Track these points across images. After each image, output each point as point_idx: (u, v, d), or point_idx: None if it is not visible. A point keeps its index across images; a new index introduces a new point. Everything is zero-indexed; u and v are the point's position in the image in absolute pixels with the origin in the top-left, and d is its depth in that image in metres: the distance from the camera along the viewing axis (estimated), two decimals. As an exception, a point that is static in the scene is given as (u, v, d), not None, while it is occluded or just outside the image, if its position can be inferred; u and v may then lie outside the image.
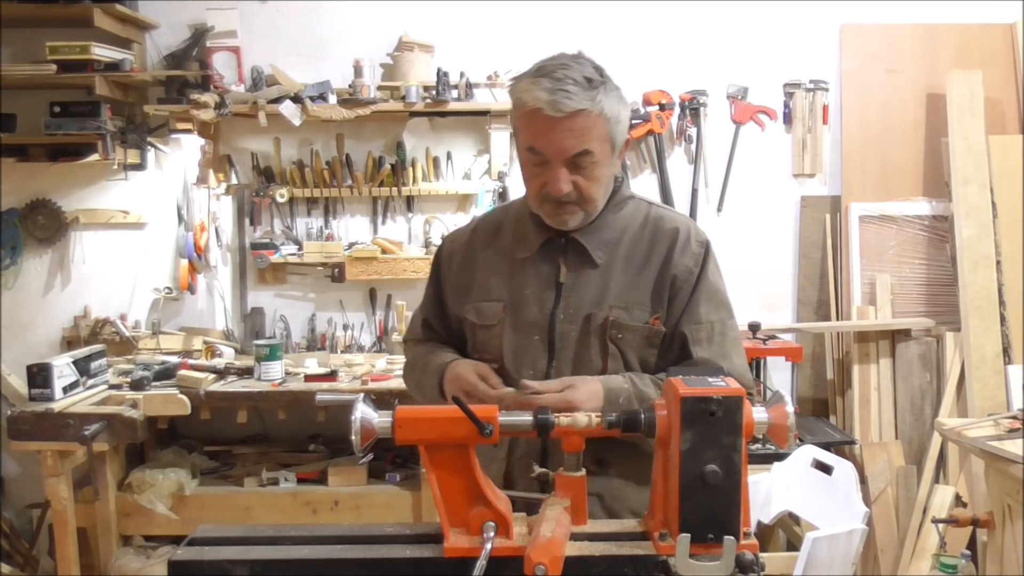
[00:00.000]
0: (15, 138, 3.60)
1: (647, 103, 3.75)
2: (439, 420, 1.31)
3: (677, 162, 3.84)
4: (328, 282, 3.76)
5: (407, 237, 3.82)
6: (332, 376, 3.40)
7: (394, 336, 3.78)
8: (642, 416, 1.30)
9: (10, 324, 3.80)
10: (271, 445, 3.75)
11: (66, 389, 3.15)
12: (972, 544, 3.31)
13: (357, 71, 3.54)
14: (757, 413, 1.28)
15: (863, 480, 3.48)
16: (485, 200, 3.67)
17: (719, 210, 3.82)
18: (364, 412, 1.31)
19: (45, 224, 3.78)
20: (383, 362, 3.61)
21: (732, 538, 1.19)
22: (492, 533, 1.27)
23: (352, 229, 3.84)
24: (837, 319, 3.80)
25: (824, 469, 2.75)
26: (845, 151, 3.81)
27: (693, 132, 3.80)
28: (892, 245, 3.78)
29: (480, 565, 1.21)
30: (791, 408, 1.30)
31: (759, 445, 3.13)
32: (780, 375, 3.83)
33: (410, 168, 3.73)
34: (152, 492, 3.27)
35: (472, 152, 3.81)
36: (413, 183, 3.73)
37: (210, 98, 3.45)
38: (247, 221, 3.80)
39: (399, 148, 3.76)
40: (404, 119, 3.76)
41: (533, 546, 1.20)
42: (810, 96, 3.81)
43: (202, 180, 3.66)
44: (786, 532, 3.33)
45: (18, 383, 3.59)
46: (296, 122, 3.50)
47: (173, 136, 3.65)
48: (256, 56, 3.70)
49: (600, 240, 1.67)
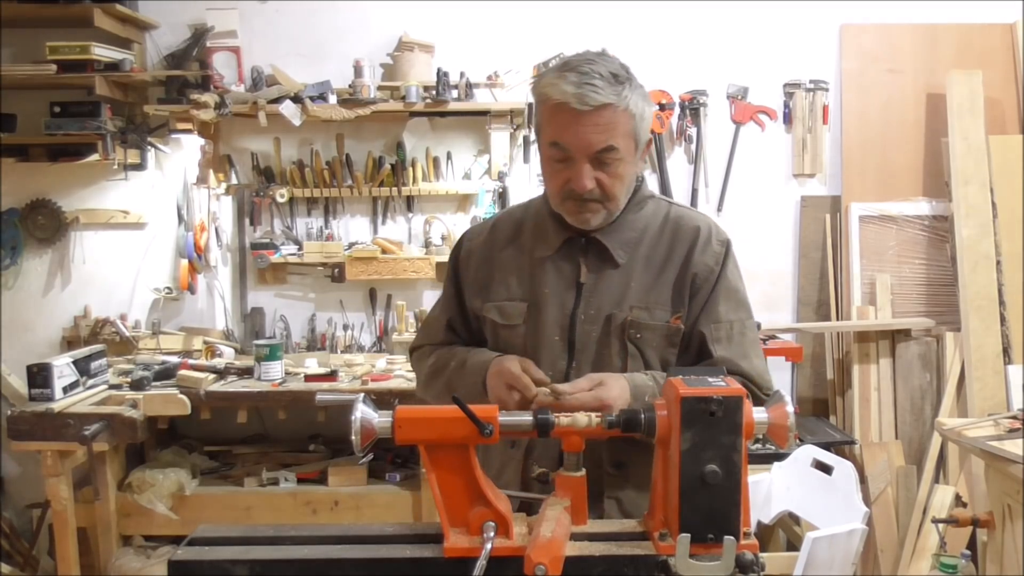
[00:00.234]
0: (15, 138, 3.60)
1: (647, 103, 3.75)
2: (439, 420, 1.31)
3: (677, 162, 3.84)
4: (328, 282, 3.76)
5: (407, 237, 3.82)
6: (332, 376, 3.40)
7: (394, 336, 3.78)
8: (642, 416, 1.30)
9: (10, 324, 3.80)
10: (271, 445, 3.75)
11: (66, 389, 3.15)
12: (972, 544, 3.31)
13: (357, 71, 3.54)
14: (757, 413, 1.28)
15: (863, 480, 3.49)
16: (485, 200, 3.67)
17: (719, 210, 3.82)
18: (364, 412, 1.31)
19: (45, 224, 3.78)
20: (383, 362, 3.61)
21: (732, 538, 1.19)
22: (492, 533, 1.27)
23: (352, 229, 3.84)
24: (837, 319, 3.80)
25: (824, 469, 2.75)
26: (845, 151, 3.81)
27: (693, 132, 3.80)
28: (892, 245, 3.78)
29: (480, 565, 1.21)
30: (791, 408, 1.30)
31: (759, 445, 3.13)
32: (780, 375, 3.83)
33: (410, 168, 3.73)
34: (152, 492, 3.27)
35: (472, 152, 3.81)
36: (413, 183, 3.73)
37: (210, 98, 3.45)
38: (247, 221, 3.80)
39: (399, 148, 3.76)
40: (404, 119, 3.76)
41: (533, 546, 1.20)
42: (810, 96, 3.81)
43: (202, 180, 3.66)
44: (786, 532, 3.33)
45: (18, 383, 3.59)
46: (296, 122, 3.50)
47: (173, 136, 3.65)
48: (256, 56, 3.70)
49: (621, 240, 1.65)
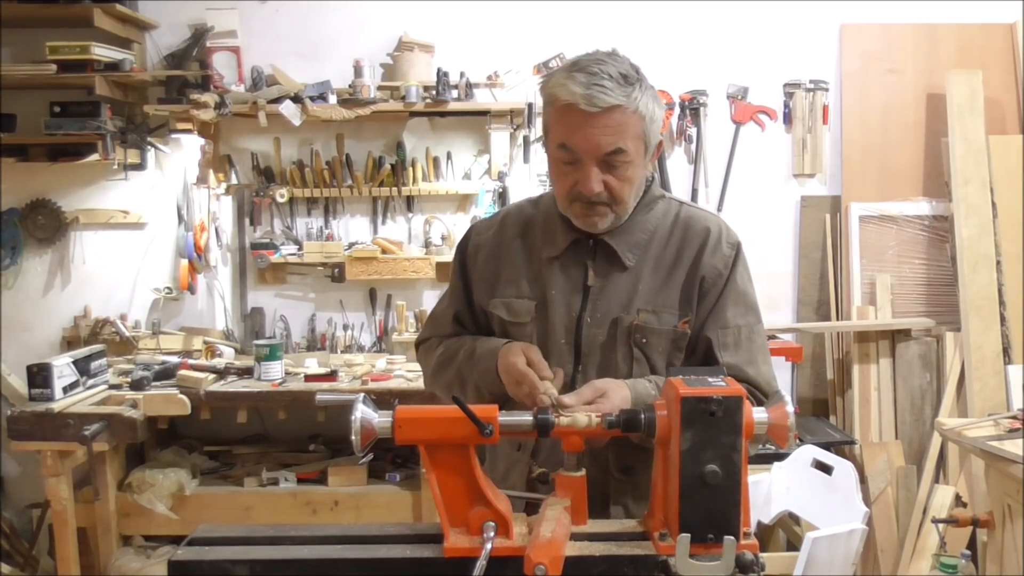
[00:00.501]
0: (15, 138, 3.60)
1: (647, 103, 3.75)
2: (439, 420, 1.31)
3: (677, 162, 3.84)
4: (328, 282, 3.76)
5: (407, 237, 3.82)
6: (332, 376, 3.40)
7: (394, 336, 3.78)
8: (642, 416, 1.30)
9: (10, 324, 3.80)
10: (271, 445, 3.75)
11: (66, 389, 3.15)
12: (972, 544, 3.31)
13: (357, 71, 3.54)
14: (757, 413, 1.28)
15: (863, 480, 3.49)
16: (485, 200, 3.67)
17: (719, 210, 3.81)
18: (364, 412, 1.31)
19: (45, 224, 3.78)
20: (383, 362, 3.61)
21: (732, 538, 1.19)
22: (492, 533, 1.27)
23: (352, 229, 3.84)
24: (837, 319, 3.80)
25: (824, 469, 2.75)
26: (845, 151, 3.81)
27: (693, 132, 3.80)
28: (892, 245, 3.78)
29: (480, 565, 1.21)
30: (791, 408, 1.30)
31: (759, 445, 3.12)
32: (780, 375, 3.77)
33: (410, 168, 3.73)
34: (152, 492, 3.27)
35: (472, 152, 3.81)
36: (413, 183, 3.73)
37: (210, 98, 3.45)
38: (247, 221, 3.80)
39: (399, 148, 3.76)
40: (404, 119, 3.76)
41: (533, 546, 1.20)
42: (810, 96, 3.81)
43: (202, 180, 3.66)
44: (786, 532, 3.33)
45: (18, 383, 3.59)
46: (296, 122, 3.50)
47: (173, 136, 3.65)
48: (256, 56, 3.70)
49: (630, 242, 1.63)
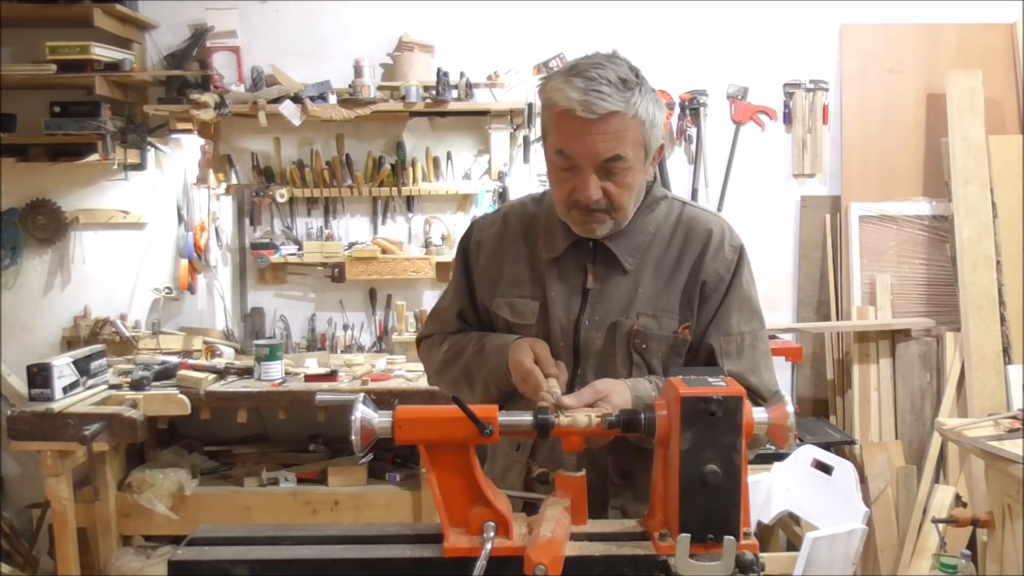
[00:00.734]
0: (15, 138, 3.60)
1: (647, 103, 3.75)
2: (439, 420, 1.30)
3: (677, 162, 3.84)
4: (328, 282, 3.76)
5: (407, 237, 3.82)
6: (332, 376, 3.40)
7: (394, 336, 3.78)
8: (642, 416, 1.30)
9: (10, 324, 3.80)
10: (271, 445, 3.75)
11: (66, 389, 3.15)
12: (972, 544, 3.31)
13: (357, 71, 3.54)
14: (757, 413, 1.28)
15: (863, 480, 3.49)
16: (485, 200, 3.67)
17: (719, 210, 3.81)
18: (364, 412, 1.31)
19: (45, 224, 3.78)
20: (383, 362, 3.61)
21: (732, 538, 1.19)
22: (492, 533, 1.27)
23: (352, 229, 3.84)
24: (837, 319, 3.80)
25: (824, 469, 2.76)
26: (845, 151, 3.81)
27: (693, 132, 3.80)
28: (892, 245, 3.78)
29: (480, 565, 1.21)
30: (791, 408, 1.30)
31: (759, 447, 3.12)
32: (780, 375, 3.78)
33: (410, 168, 3.73)
34: (152, 492, 3.27)
35: (472, 152, 3.81)
36: (413, 183, 3.73)
37: (210, 98, 3.45)
38: (247, 221, 3.80)
39: (399, 148, 3.76)
40: (404, 119, 3.76)
41: (533, 546, 1.20)
42: (810, 96, 3.81)
43: (202, 180, 3.66)
44: (786, 532, 3.33)
45: (18, 383, 3.59)
46: (296, 122, 3.50)
47: (173, 136, 3.65)
48: (256, 56, 3.70)
49: (630, 245, 1.60)
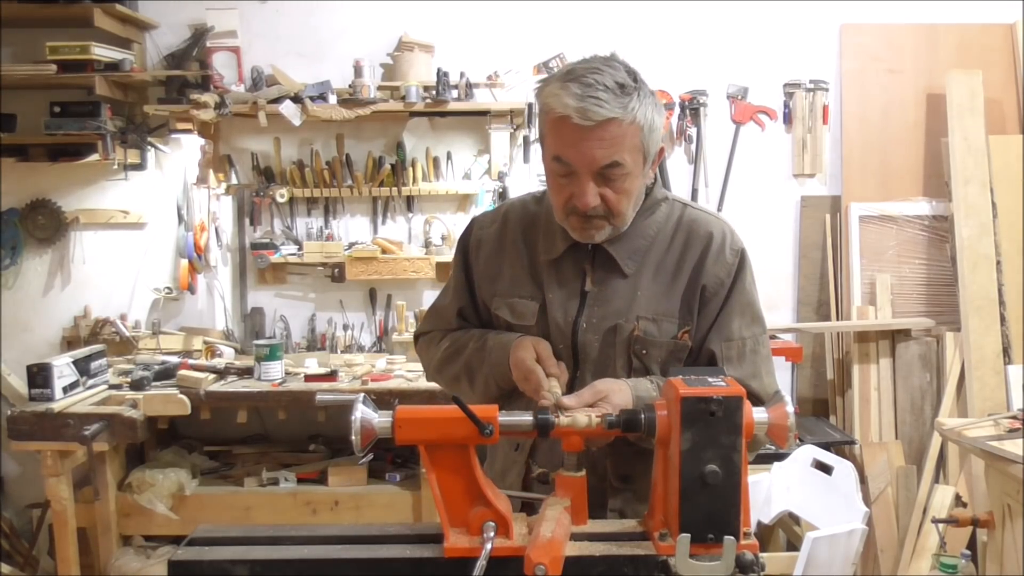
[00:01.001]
0: (15, 138, 3.60)
1: (647, 103, 3.75)
2: (439, 420, 1.30)
3: (677, 162, 3.84)
4: (328, 282, 3.76)
5: (407, 237, 3.82)
6: (332, 376, 3.40)
7: (394, 336, 3.78)
8: (642, 416, 1.30)
9: (10, 324, 3.80)
10: (271, 445, 3.75)
11: (66, 389, 3.15)
12: (972, 544, 3.31)
13: (357, 71, 3.54)
14: (757, 413, 1.28)
15: (863, 480, 3.49)
16: (485, 200, 3.67)
17: (719, 210, 3.81)
18: (364, 412, 1.31)
19: (45, 224, 3.78)
20: (383, 362, 3.61)
21: (732, 538, 1.19)
22: (492, 533, 1.27)
23: (352, 229, 3.84)
24: (837, 319, 3.80)
25: (824, 469, 2.76)
26: (845, 151, 3.81)
27: (693, 132, 3.80)
28: (892, 245, 3.78)
29: (480, 565, 1.21)
30: (791, 408, 1.30)
31: (758, 449, 3.12)
32: (780, 375, 3.78)
33: (410, 168, 3.73)
34: (152, 492, 3.27)
35: (472, 152, 3.81)
36: (413, 183, 3.73)
37: (210, 98, 3.45)
38: (247, 221, 3.80)
39: (399, 148, 3.76)
40: (404, 119, 3.76)
41: (533, 546, 1.20)
42: (810, 96, 3.81)
43: (202, 180, 3.66)
44: (786, 532, 3.33)
45: (18, 383, 3.60)
46: (296, 122, 3.50)
47: (173, 136, 3.65)
48: (256, 56, 3.70)
49: (630, 248, 1.58)
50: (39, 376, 3.11)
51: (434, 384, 1.86)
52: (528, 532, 1.29)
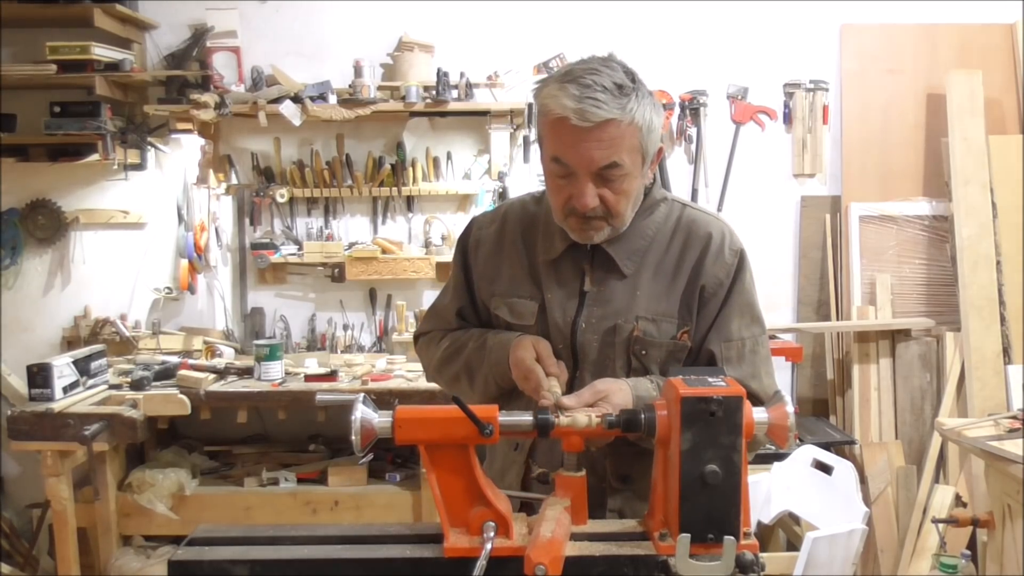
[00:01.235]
0: (15, 138, 3.60)
1: (647, 103, 3.75)
2: (439, 420, 1.30)
3: (677, 162, 3.84)
4: (328, 282, 3.76)
5: (407, 237, 3.82)
6: (332, 376, 3.40)
7: (394, 336, 3.78)
8: (642, 416, 1.30)
9: (10, 324, 3.80)
10: (271, 445, 3.75)
11: (66, 389, 3.15)
12: (972, 544, 3.31)
13: (357, 71, 3.54)
14: (757, 413, 1.28)
15: (863, 480, 3.49)
16: (485, 200, 3.67)
17: (719, 210, 3.81)
18: (364, 412, 1.31)
19: (45, 224, 3.78)
20: (383, 362, 3.61)
21: (732, 538, 1.19)
22: (492, 533, 1.27)
23: (352, 229, 3.84)
24: (837, 319, 3.80)
25: (824, 469, 2.76)
26: (845, 151, 3.81)
27: (693, 132, 3.80)
28: (892, 245, 3.78)
29: (480, 565, 1.21)
30: (791, 408, 1.30)
31: (758, 448, 3.12)
32: (780, 375, 3.78)
33: (410, 168, 3.73)
34: (152, 492, 3.27)
35: (472, 152, 3.81)
36: (413, 183, 3.73)
37: (210, 98, 3.45)
38: (247, 221, 3.80)
39: (399, 148, 3.76)
40: (404, 119, 3.76)
41: (533, 546, 1.20)
42: (810, 96, 3.81)
43: (202, 180, 3.66)
44: (786, 532, 3.33)
45: (18, 383, 3.60)
46: (296, 122, 3.50)
47: (173, 136, 3.65)
48: (256, 56, 3.70)
49: (629, 249, 1.58)
50: (39, 376, 3.11)
51: (434, 384, 1.86)
52: (528, 532, 1.29)
